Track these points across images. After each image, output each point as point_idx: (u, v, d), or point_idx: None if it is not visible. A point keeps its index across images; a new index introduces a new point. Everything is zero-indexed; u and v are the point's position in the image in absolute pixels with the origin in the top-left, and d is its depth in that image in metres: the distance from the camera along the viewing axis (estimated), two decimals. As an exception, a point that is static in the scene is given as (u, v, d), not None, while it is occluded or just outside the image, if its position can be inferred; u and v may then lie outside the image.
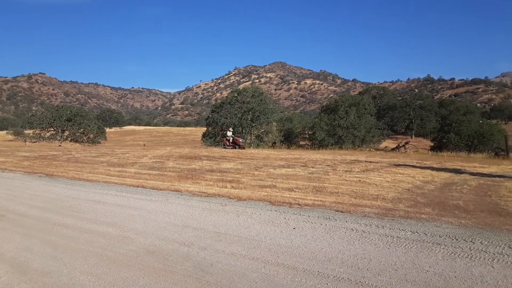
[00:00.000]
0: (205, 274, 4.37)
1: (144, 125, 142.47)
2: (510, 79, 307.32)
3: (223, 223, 6.64)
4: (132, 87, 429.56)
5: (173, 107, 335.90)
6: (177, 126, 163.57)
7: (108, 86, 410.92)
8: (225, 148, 28.89)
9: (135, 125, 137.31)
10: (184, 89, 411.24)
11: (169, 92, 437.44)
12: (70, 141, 51.93)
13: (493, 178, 12.54)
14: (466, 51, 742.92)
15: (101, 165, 17.13)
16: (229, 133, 30.72)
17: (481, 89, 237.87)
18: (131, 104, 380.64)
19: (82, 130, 53.70)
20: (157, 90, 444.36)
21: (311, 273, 4.31)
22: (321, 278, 4.15)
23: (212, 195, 9.19)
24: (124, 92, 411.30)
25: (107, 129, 78.86)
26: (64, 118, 51.77)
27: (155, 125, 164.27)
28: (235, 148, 28.54)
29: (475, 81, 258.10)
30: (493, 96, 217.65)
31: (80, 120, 53.14)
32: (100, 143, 54.51)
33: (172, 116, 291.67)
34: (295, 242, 5.47)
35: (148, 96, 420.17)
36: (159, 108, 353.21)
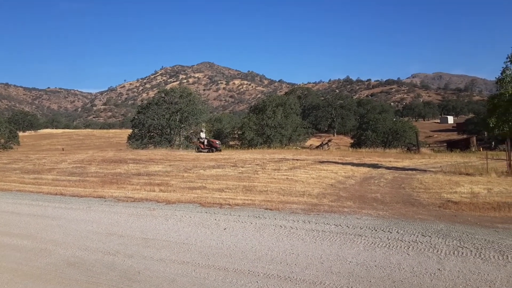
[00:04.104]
0: (132, 282, 4.19)
1: (63, 128, 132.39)
2: (419, 80, 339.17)
3: (151, 228, 6.42)
4: (48, 87, 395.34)
5: (94, 108, 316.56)
6: (100, 128, 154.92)
7: (21, 87, 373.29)
8: (200, 151, 25.73)
9: (52, 128, 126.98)
10: (106, 89, 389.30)
11: (90, 93, 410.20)
12: (-23, 147, 46.62)
13: (406, 171, 13.73)
14: (381, 53, 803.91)
15: (14, 172, 15.70)
16: (203, 135, 27.97)
17: (394, 89, 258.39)
18: (47, 106, 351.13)
19: (-10, 135, 48.47)
20: (77, 90, 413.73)
21: (241, 272, 4.34)
22: (251, 277, 4.20)
23: (139, 200, 8.86)
24: (39, 92, 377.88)
25: (20, 133, 71.89)
26: (-30, 122, 46.34)
27: (75, 127, 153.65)
28: (212, 151, 25.66)
29: (389, 82, 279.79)
30: (405, 96, 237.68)
31: (-12, 124, 47.95)
32: (12, 148, 49.68)
33: (94, 118, 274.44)
34: (226, 242, 5.48)
35: (67, 97, 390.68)
36: (79, 109, 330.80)
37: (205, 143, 26.80)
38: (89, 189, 10.62)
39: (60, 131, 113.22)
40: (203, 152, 25.63)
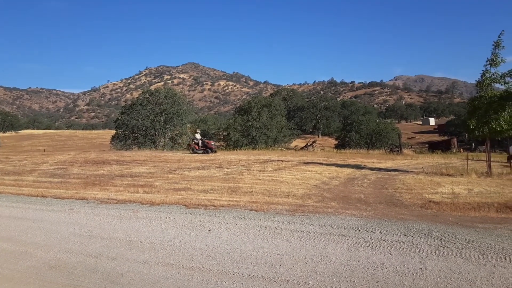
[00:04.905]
0: (115, 285, 4.13)
1: (44, 129, 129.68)
2: (402, 82, 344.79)
3: (134, 230, 6.35)
4: (30, 87, 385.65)
5: (77, 108, 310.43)
6: (83, 129, 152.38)
7: (1, 86, 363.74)
8: (195, 153, 25.08)
9: (34, 129, 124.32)
10: (89, 89, 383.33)
11: (73, 93, 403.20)
12: (-47, 148, 45.33)
13: (389, 172, 13.91)
14: (364, 55, 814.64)
15: (-8, 174, 15.29)
16: (198, 136, 27.18)
17: (377, 91, 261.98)
18: (29, 106, 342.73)
19: (-32, 135, 47.23)
20: (59, 90, 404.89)
21: (226, 274, 4.33)
22: (236, 278, 4.20)
23: (122, 202, 8.75)
24: (20, 92, 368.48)
25: (0, 134, 70.36)
26: None
27: (57, 128, 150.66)
28: (207, 152, 24.95)
29: (372, 84, 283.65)
30: (388, 98, 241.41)
31: (-35, 124, 46.73)
32: (-10, 149, 48.50)
33: (76, 118, 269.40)
34: (211, 244, 5.45)
35: (48, 97, 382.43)
36: (61, 110, 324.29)
37: (200, 144, 26.13)
38: (71, 191, 10.44)
39: (41, 131, 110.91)
40: (198, 153, 25.11)
